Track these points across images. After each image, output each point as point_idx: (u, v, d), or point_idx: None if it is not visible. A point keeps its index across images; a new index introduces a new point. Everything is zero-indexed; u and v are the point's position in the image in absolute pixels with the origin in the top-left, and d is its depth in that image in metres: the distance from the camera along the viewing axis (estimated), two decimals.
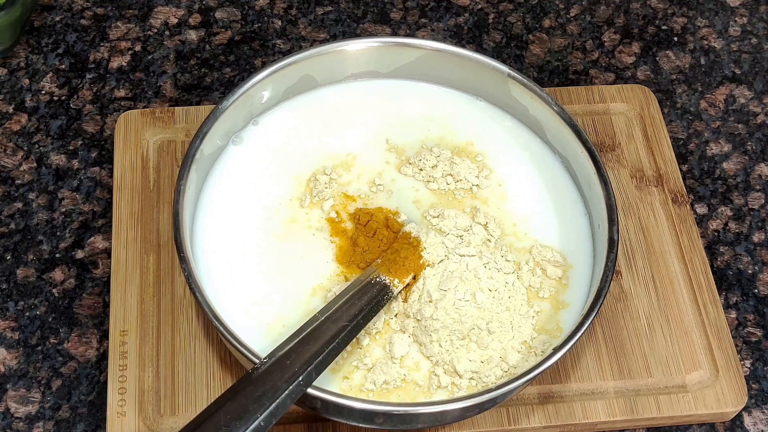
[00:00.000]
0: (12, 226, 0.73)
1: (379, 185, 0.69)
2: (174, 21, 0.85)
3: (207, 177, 0.68)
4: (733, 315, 0.73)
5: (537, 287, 0.65)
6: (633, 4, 0.89)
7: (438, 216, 0.67)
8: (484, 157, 0.71)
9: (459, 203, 0.69)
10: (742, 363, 0.71)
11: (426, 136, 0.72)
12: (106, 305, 0.70)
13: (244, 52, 0.83)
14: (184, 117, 0.75)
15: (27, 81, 0.80)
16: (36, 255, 0.72)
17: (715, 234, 0.77)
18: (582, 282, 0.66)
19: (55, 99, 0.79)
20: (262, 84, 0.69)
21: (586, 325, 0.60)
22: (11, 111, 0.78)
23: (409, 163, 0.70)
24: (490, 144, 0.72)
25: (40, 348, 0.68)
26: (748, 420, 0.69)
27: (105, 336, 0.69)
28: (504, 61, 0.81)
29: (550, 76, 0.84)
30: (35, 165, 0.76)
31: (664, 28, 0.88)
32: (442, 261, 0.64)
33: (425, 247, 0.64)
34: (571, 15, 0.88)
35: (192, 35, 0.84)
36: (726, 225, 0.77)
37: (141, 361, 0.65)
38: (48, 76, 0.80)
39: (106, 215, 0.74)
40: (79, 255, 0.72)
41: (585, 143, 0.67)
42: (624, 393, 0.66)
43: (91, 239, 0.73)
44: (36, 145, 0.77)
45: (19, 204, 0.74)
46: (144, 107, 0.79)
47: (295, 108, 0.72)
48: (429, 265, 0.64)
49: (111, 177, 0.75)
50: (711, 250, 0.76)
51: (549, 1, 0.89)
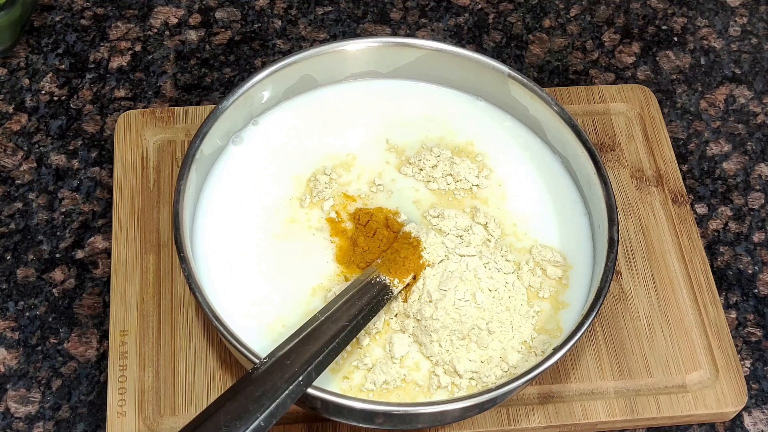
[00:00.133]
0: (12, 226, 0.73)
1: (379, 185, 0.69)
2: (174, 21, 0.85)
3: (207, 177, 0.68)
4: (733, 315, 0.73)
5: (537, 287, 0.65)
6: (633, 4, 0.89)
7: (438, 216, 0.67)
8: (484, 157, 0.71)
9: (459, 203, 0.69)
10: (742, 363, 0.71)
11: (426, 136, 0.72)
12: (106, 305, 0.70)
13: (244, 52, 0.83)
14: (184, 117, 0.75)
15: (27, 81, 0.80)
16: (36, 255, 0.72)
17: (715, 234, 0.77)
18: (582, 282, 0.66)
19: (55, 99, 0.79)
20: (262, 84, 0.69)
21: (586, 325, 0.60)
22: (11, 111, 0.78)
23: (409, 163, 0.70)
24: (490, 144, 0.72)
25: (40, 348, 0.68)
26: (748, 420, 0.69)
27: (105, 336, 0.69)
28: (504, 61, 0.81)
29: (550, 76, 0.84)
30: (35, 165, 0.76)
31: (664, 28, 0.88)
32: (442, 261, 0.64)
33: (425, 247, 0.64)
34: (571, 15, 0.88)
35: (192, 35, 0.84)
36: (726, 225, 0.77)
37: (141, 361, 0.65)
38: (48, 76, 0.80)
39: (106, 215, 0.74)
40: (79, 255, 0.72)
41: (585, 143, 0.67)
42: (624, 393, 0.66)
43: (91, 239, 0.73)
44: (36, 145, 0.77)
45: (19, 204, 0.74)
46: (144, 107, 0.79)
47: (295, 108, 0.72)
48: (429, 265, 0.64)
49: (111, 177, 0.75)
50: (711, 250, 0.76)
51: (549, 1, 0.89)
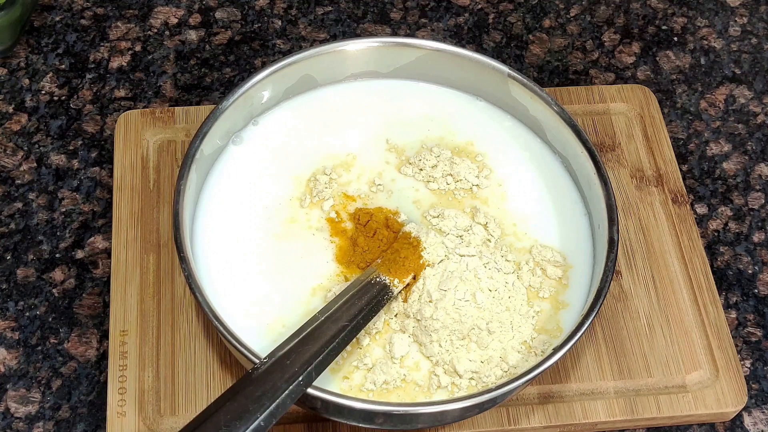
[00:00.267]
0: (12, 226, 0.73)
1: (379, 185, 0.69)
2: (174, 21, 0.85)
3: (207, 177, 0.68)
4: (733, 315, 0.73)
5: (537, 287, 0.65)
6: (633, 4, 0.89)
7: (438, 216, 0.67)
8: (484, 157, 0.71)
9: (459, 203, 0.69)
10: (742, 363, 0.71)
11: (426, 136, 0.72)
12: (106, 305, 0.70)
13: (244, 52, 0.83)
14: (184, 117, 0.75)
15: (27, 81, 0.80)
16: (36, 255, 0.72)
17: (715, 234, 0.77)
18: (582, 282, 0.66)
19: (55, 99, 0.79)
20: (262, 84, 0.69)
21: (586, 325, 0.60)
22: (11, 111, 0.78)
23: (409, 163, 0.70)
24: (490, 144, 0.72)
25: (40, 348, 0.68)
26: (748, 420, 0.69)
27: (105, 336, 0.69)
28: (504, 61, 0.81)
29: (550, 76, 0.84)
30: (35, 165, 0.76)
31: (664, 28, 0.88)
32: (442, 261, 0.64)
33: (425, 247, 0.64)
34: (571, 15, 0.88)
35: (192, 35, 0.84)
36: (726, 225, 0.77)
37: (141, 361, 0.65)
38: (48, 76, 0.80)
39: (106, 215, 0.74)
40: (79, 255, 0.72)
41: (585, 143, 0.67)
42: (624, 393, 0.66)
43: (91, 239, 0.73)
44: (36, 145, 0.77)
45: (19, 204, 0.74)
46: (144, 107, 0.79)
47: (295, 108, 0.72)
48: (429, 265, 0.64)
49: (111, 177, 0.75)
50: (711, 250, 0.76)
51: (549, 1, 0.89)
